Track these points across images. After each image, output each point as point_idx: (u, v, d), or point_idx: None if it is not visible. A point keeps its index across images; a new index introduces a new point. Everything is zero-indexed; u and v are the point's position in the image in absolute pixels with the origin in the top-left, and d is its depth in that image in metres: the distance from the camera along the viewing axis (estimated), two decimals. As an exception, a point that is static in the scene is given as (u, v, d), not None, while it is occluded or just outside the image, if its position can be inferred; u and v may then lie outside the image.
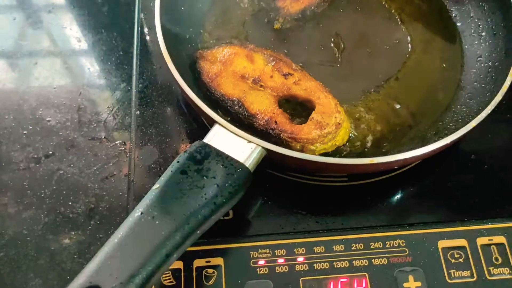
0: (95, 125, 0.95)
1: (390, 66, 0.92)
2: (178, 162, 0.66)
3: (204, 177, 0.64)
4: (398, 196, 0.82)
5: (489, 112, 0.74)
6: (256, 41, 0.94)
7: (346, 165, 0.70)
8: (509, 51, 0.83)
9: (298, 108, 0.85)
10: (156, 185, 0.63)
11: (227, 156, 0.68)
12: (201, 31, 0.95)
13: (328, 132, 0.78)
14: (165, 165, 0.83)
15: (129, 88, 0.98)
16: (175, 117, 0.89)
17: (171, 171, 0.64)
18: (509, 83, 0.76)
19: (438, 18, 0.98)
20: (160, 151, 0.85)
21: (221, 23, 0.97)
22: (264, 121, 0.79)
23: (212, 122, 0.73)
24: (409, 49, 0.94)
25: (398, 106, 0.88)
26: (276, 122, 0.79)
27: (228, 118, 0.82)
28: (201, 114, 0.75)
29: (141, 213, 0.59)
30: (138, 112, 0.90)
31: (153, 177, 0.83)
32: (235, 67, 0.85)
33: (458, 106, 0.86)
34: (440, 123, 0.85)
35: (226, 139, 0.70)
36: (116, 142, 0.92)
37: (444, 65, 0.93)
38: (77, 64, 1.05)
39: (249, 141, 0.70)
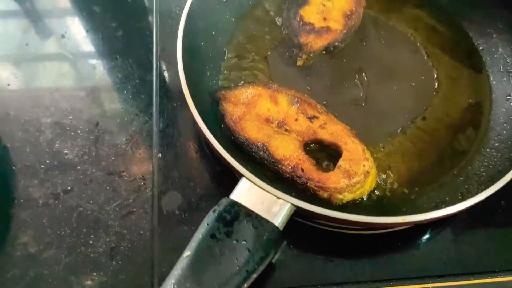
0: (113, 158, 0.93)
1: (417, 104, 0.89)
2: (207, 224, 0.64)
3: (235, 241, 0.63)
4: (430, 244, 0.80)
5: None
6: (278, 77, 0.92)
7: (379, 223, 0.69)
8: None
9: (324, 149, 0.83)
10: (187, 252, 0.61)
11: (257, 216, 0.66)
12: (222, 67, 0.93)
13: (357, 181, 0.76)
14: (189, 211, 0.82)
15: (147, 118, 0.96)
16: (198, 159, 0.87)
17: (201, 235, 0.63)
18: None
19: (465, 53, 0.95)
20: (183, 195, 0.83)
21: (242, 58, 0.94)
22: (290, 168, 0.78)
23: (239, 175, 0.71)
24: (436, 86, 0.91)
25: (425, 149, 0.85)
26: (302, 170, 0.77)
27: (253, 163, 0.80)
28: (227, 165, 0.73)
29: (174, 286, 0.57)
30: (160, 155, 0.88)
31: (177, 224, 0.81)
32: (259, 109, 0.83)
33: (488, 150, 0.84)
34: (470, 167, 0.83)
35: (254, 195, 0.68)
36: (136, 177, 0.90)
37: (471, 102, 0.90)
38: (92, 93, 1.02)
39: (278, 197, 0.68)
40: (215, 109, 0.85)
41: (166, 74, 0.98)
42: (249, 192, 0.69)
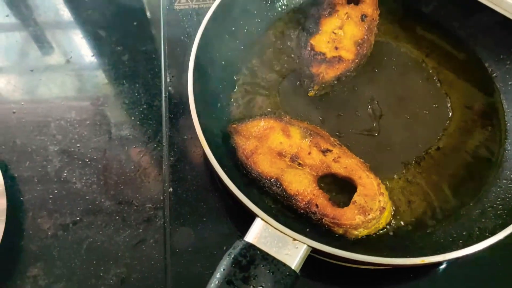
0: (122, 187, 0.92)
1: (431, 133, 0.88)
2: (223, 269, 0.63)
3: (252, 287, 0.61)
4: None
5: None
6: (289, 108, 0.91)
7: (398, 265, 0.67)
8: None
9: (338, 181, 0.82)
10: (204, 301, 0.60)
11: (273, 259, 0.65)
12: (232, 99, 0.91)
13: (373, 217, 0.75)
14: (202, 249, 0.80)
15: (155, 145, 0.95)
16: (211, 194, 0.86)
17: (217, 281, 0.62)
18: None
19: (478, 80, 0.94)
20: (196, 232, 0.82)
21: (253, 89, 0.93)
22: (304, 203, 0.77)
23: (254, 215, 0.69)
24: (449, 115, 0.90)
25: (440, 180, 0.84)
26: (317, 205, 0.76)
27: (267, 198, 0.79)
28: (242, 205, 0.72)
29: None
30: (171, 189, 0.86)
31: (190, 263, 0.80)
32: (271, 143, 0.82)
33: (504, 181, 0.83)
34: (486, 199, 0.82)
35: (269, 237, 0.67)
36: (146, 206, 0.89)
37: (486, 131, 0.89)
38: (99, 119, 1.01)
39: (294, 239, 0.67)
40: (227, 142, 0.84)
41: (175, 104, 0.96)
42: (264, 234, 0.68)
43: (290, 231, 0.67)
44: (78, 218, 0.88)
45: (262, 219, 0.68)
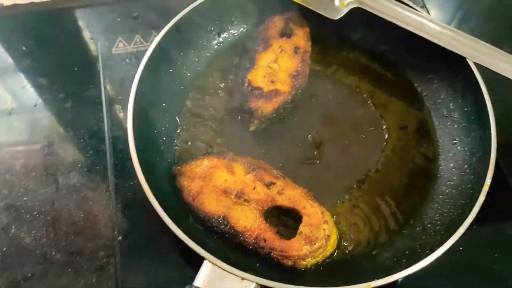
0: (72, 237, 0.91)
1: (369, 156, 0.92)
2: (173, 318, 0.63)
3: (202, 335, 0.62)
4: None
5: (474, 215, 0.74)
6: (233, 144, 0.93)
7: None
8: (484, 138, 0.84)
9: (285, 213, 0.83)
10: None
11: (223, 302, 0.66)
12: (175, 139, 0.93)
13: (319, 246, 0.77)
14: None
15: (104, 190, 0.95)
16: (161, 239, 0.85)
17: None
18: (489, 180, 0.77)
19: (410, 100, 0.99)
20: (147, 278, 0.82)
21: (196, 127, 0.94)
22: (252, 239, 0.78)
23: (202, 258, 0.70)
24: (386, 136, 0.94)
25: (382, 201, 0.87)
26: (265, 240, 0.78)
27: (216, 238, 0.80)
28: (189, 249, 0.72)
29: None
30: (120, 237, 0.86)
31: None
32: (216, 181, 0.83)
33: (441, 196, 0.87)
34: (425, 216, 0.86)
35: (218, 279, 0.69)
36: (98, 254, 0.89)
37: (420, 149, 0.93)
38: (46, 170, 1.00)
39: (243, 278, 0.68)
40: (173, 184, 0.84)
41: (120, 149, 0.96)
42: (213, 276, 0.69)
43: (238, 271, 0.68)
44: (29, 274, 0.87)
45: (209, 261, 0.69)
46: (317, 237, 0.77)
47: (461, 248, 0.84)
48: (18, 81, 1.13)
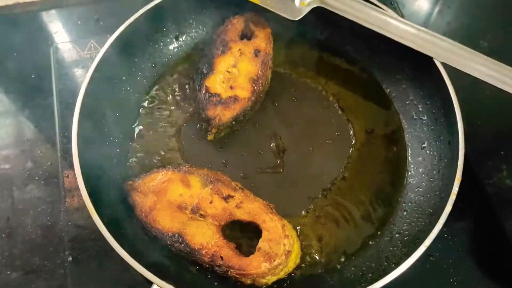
0: (29, 255, 0.86)
1: (335, 163, 0.88)
2: None
3: None
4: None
5: (440, 227, 0.70)
6: (191, 154, 0.88)
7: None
8: (453, 143, 0.80)
9: (245, 226, 0.79)
10: None
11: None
12: (130, 151, 0.88)
13: (279, 263, 0.73)
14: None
15: (59, 206, 0.89)
16: (111, 259, 0.81)
17: None
18: (457, 189, 0.73)
19: (378, 102, 0.94)
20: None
21: (152, 138, 0.89)
22: (209, 257, 0.73)
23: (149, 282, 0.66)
24: (353, 141, 0.90)
25: (348, 211, 0.83)
26: (222, 258, 0.73)
27: (172, 257, 0.76)
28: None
29: None
30: (70, 258, 0.82)
31: None
32: (171, 196, 0.78)
33: (409, 204, 0.83)
34: (393, 225, 0.82)
35: (167, 304, 0.64)
36: (55, 272, 0.84)
37: (389, 154, 0.89)
38: (0, 185, 0.95)
39: (194, 303, 0.64)
40: (125, 201, 0.79)
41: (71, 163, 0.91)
42: (162, 301, 0.64)
43: (189, 296, 0.64)
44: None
45: (157, 285, 0.65)
46: (277, 253, 0.73)
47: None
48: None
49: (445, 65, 0.83)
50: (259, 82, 0.89)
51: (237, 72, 0.89)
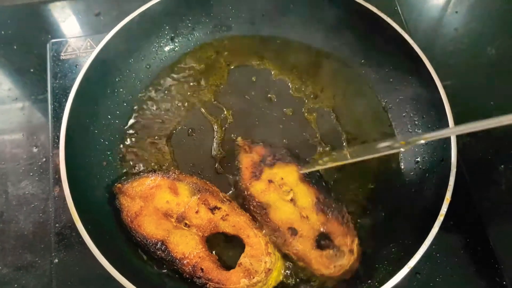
0: (20, 251, 0.87)
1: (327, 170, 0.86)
2: None
3: None
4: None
5: (425, 248, 0.69)
6: (181, 160, 0.88)
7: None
8: (445, 161, 0.78)
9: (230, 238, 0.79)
10: None
11: None
12: (121, 154, 0.88)
13: (258, 280, 0.73)
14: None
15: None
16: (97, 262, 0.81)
17: None
18: (445, 210, 0.72)
19: (373, 113, 0.92)
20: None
21: (143, 142, 0.89)
22: (190, 267, 0.74)
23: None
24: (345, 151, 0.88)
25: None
26: (202, 270, 0.74)
27: (153, 265, 0.76)
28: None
29: None
30: (56, 260, 0.82)
31: None
32: (157, 202, 0.79)
33: (399, 220, 0.82)
34: (380, 242, 0.80)
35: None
36: (45, 269, 0.84)
37: (381, 167, 0.88)
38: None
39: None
40: (113, 204, 0.80)
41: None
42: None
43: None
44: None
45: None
46: (257, 270, 0.73)
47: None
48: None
49: (442, 80, 0.81)
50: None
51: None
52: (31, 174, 0.95)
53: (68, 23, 1.12)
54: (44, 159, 0.97)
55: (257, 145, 0.85)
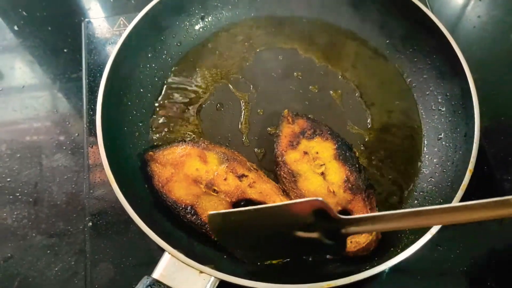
0: (53, 220, 0.91)
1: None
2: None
3: (153, 326, 0.61)
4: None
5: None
6: (210, 131, 0.92)
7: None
8: (469, 136, 0.80)
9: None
10: None
11: (179, 293, 0.65)
12: (152, 125, 0.91)
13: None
14: (122, 282, 0.80)
15: (83, 175, 0.94)
16: (129, 227, 0.85)
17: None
18: (467, 181, 0.73)
19: (397, 90, 0.94)
20: (115, 266, 0.81)
21: (173, 114, 0.93)
22: (218, 232, 0.76)
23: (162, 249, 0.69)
24: (369, 127, 0.91)
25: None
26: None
27: (184, 227, 0.79)
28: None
29: None
30: (91, 224, 0.86)
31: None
32: (187, 169, 0.82)
33: (421, 193, 0.84)
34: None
35: (177, 271, 0.67)
36: (78, 238, 0.88)
37: (405, 143, 0.90)
38: (30, 151, 0.99)
39: (201, 272, 0.67)
40: (145, 171, 0.83)
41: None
42: (172, 268, 0.68)
43: (197, 264, 0.67)
44: (9, 255, 0.87)
45: (169, 252, 0.68)
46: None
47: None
48: (8, 61, 1.12)
49: (467, 58, 0.83)
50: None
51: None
52: (64, 147, 0.99)
53: (101, 5, 1.15)
54: (76, 134, 1.00)
55: (300, 118, 0.87)
